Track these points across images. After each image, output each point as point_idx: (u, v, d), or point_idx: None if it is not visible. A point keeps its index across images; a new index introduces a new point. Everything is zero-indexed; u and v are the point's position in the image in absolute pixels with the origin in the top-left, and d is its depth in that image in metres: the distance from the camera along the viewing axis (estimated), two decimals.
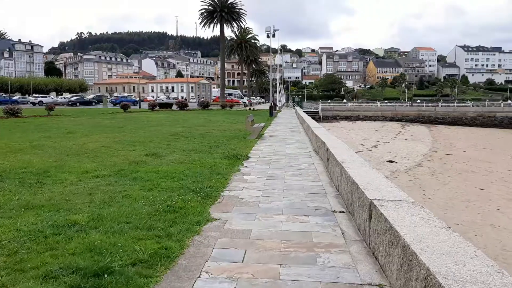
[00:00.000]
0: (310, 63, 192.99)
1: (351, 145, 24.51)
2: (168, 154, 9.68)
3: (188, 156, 9.40)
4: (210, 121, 23.27)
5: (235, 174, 7.42)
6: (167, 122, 21.22)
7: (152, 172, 7.28)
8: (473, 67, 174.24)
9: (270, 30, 53.90)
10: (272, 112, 30.83)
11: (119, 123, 19.93)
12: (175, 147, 11.01)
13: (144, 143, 11.84)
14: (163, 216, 4.57)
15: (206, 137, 13.72)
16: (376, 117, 51.54)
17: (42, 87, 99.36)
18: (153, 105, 34.74)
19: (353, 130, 35.94)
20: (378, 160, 19.27)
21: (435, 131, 39.20)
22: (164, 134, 14.71)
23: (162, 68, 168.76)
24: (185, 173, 7.17)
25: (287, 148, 11.71)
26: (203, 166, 8.00)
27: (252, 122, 15.99)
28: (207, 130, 16.80)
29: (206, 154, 9.82)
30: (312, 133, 12.88)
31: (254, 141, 13.12)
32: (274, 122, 24.63)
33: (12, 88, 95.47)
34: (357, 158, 6.47)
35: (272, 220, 4.65)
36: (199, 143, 12.06)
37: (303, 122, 19.89)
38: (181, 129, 17.06)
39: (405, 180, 15.18)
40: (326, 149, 8.33)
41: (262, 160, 9.20)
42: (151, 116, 27.26)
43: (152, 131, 15.90)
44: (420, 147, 25.30)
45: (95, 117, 25.55)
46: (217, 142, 12.38)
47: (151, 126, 18.25)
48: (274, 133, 16.89)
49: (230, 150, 10.47)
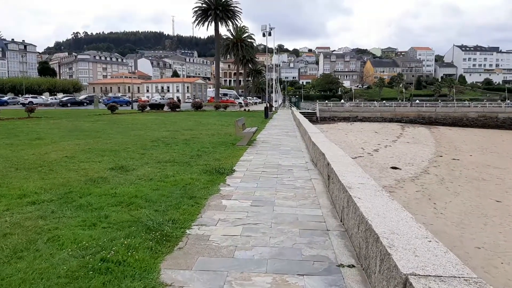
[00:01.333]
0: (307, 63, 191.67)
1: (350, 149, 23.08)
2: (138, 167, 8.16)
3: (161, 170, 7.88)
4: (200, 123, 21.74)
5: (212, 197, 5.90)
6: (153, 125, 19.67)
7: (107, 195, 5.76)
8: (471, 67, 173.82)
9: (266, 29, 52.56)
10: (267, 113, 29.32)
11: (100, 127, 18.37)
12: (150, 157, 9.49)
13: (117, 152, 10.31)
14: (86, 282, 3.06)
15: (190, 144, 12.20)
16: (375, 118, 50.13)
17: (35, 87, 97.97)
18: (142, 106, 33.06)
19: (352, 132, 34.47)
20: (381, 167, 17.79)
21: (436, 132, 37.82)
22: (144, 139, 13.18)
23: (157, 68, 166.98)
24: (149, 197, 5.66)
25: (280, 157, 10.21)
26: (176, 185, 6.49)
27: (243, 126, 14.48)
28: (194, 134, 15.27)
29: (184, 166, 8.31)
30: (309, 140, 11.38)
31: (244, 149, 11.61)
32: (269, 124, 23.14)
33: (4, 88, 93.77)
34: (368, 180, 4.97)
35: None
36: (180, 151, 10.54)
37: (300, 125, 18.41)
38: (165, 133, 15.53)
39: (412, 191, 13.71)
40: (326, 163, 6.83)
41: (250, 175, 7.69)
42: (138, 118, 25.68)
43: (132, 136, 14.36)
44: (423, 151, 23.85)
45: (78, 119, 23.96)
46: (201, 150, 10.87)
47: (134, 130, 16.71)
48: (267, 137, 15.39)
49: (214, 162, 8.97)
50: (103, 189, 6.12)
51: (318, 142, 9.48)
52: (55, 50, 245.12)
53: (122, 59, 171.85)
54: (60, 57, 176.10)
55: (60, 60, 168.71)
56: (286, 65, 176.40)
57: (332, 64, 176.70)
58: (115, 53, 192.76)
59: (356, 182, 4.82)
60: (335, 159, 6.75)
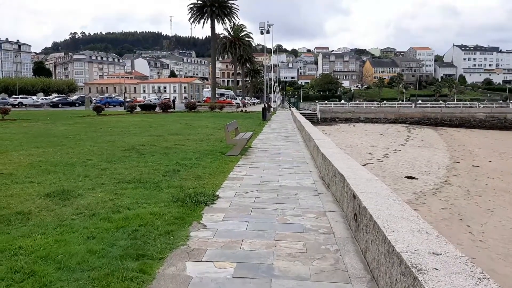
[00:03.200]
0: (306, 63, 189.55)
1: (357, 154, 20.87)
2: (86, 191, 5.94)
3: (116, 196, 5.67)
4: (191, 126, 19.52)
5: (172, 256, 3.65)
6: (136, 129, 17.43)
7: (3, 251, 3.55)
8: (471, 66, 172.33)
9: (264, 26, 50.48)
10: (265, 115, 27.08)
11: (74, 131, 16.11)
12: (111, 174, 7.27)
13: (72, 166, 8.09)
14: None
15: (170, 154, 9.97)
16: (378, 119, 47.95)
17: (29, 88, 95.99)
18: (131, 107, 30.76)
19: (356, 134, 32.24)
20: (394, 176, 15.59)
21: (445, 135, 35.65)
22: (116, 148, 10.94)
23: (155, 68, 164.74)
24: (66, 260, 3.43)
25: (281, 173, 7.98)
26: (124, 227, 4.28)
27: (235, 130, 12.27)
28: (179, 140, 13.04)
29: (150, 190, 6.10)
30: (315, 149, 9.18)
31: (236, 160, 9.40)
32: (267, 127, 20.93)
33: None
34: (446, 246, 2.75)
35: None
36: (153, 165, 8.32)
37: (302, 129, 16.21)
38: (146, 139, 13.29)
39: (437, 208, 11.51)
40: (350, 194, 4.62)
41: (238, 206, 5.46)
42: (123, 120, 23.40)
43: (104, 142, 12.12)
44: (437, 156, 21.64)
45: (56, 121, 21.69)
46: (181, 162, 8.64)
47: (111, 135, 14.46)
48: (265, 143, 13.17)
49: (193, 182, 6.76)
50: (4, 239, 3.90)
51: (330, 154, 7.27)
52: (53, 51, 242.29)
53: (118, 59, 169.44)
54: (56, 57, 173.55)
55: (56, 60, 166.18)
56: (284, 65, 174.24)
57: (331, 64, 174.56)
58: (112, 53, 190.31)
59: (424, 250, 2.61)
60: (363, 187, 4.53)
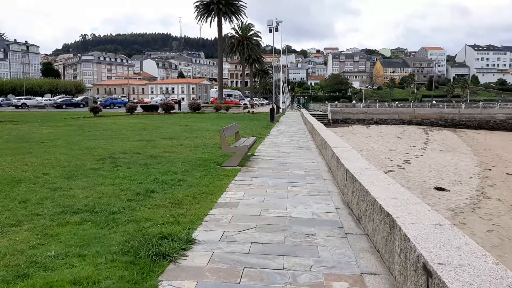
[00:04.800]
0: (315, 64, 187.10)
1: (375, 160, 18.75)
2: (3, 230, 4.04)
3: (44, 239, 3.74)
4: (190, 129, 17.62)
5: None
6: (128, 132, 15.57)
7: None
8: (484, 66, 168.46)
9: (273, 24, 48.43)
10: (273, 116, 25.09)
11: (56, 135, 14.30)
12: (59, 197, 5.34)
13: (17, 182, 6.19)
14: None
15: (152, 165, 8.04)
16: (392, 120, 45.62)
17: (36, 89, 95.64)
18: (131, 108, 28.96)
19: (371, 137, 30.05)
20: (422, 187, 13.48)
21: (465, 137, 33.27)
22: (91, 156, 9.05)
23: (163, 69, 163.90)
24: None
25: (289, 195, 5.98)
26: None
27: (235, 135, 10.30)
28: (171, 146, 11.13)
29: (98, 227, 4.16)
30: (335, 161, 7.17)
31: (232, 174, 7.42)
32: (275, 130, 18.95)
33: (4, 89, 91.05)
34: None
35: None
36: (124, 182, 6.38)
37: (314, 132, 14.21)
38: (132, 144, 11.40)
39: (480, 230, 9.41)
40: (415, 262, 2.59)
41: (222, 263, 3.45)
42: (118, 122, 21.58)
43: (80, 149, 10.24)
44: (464, 162, 19.43)
45: (46, 123, 19.97)
46: (160, 178, 6.69)
47: (94, 140, 12.59)
48: (271, 151, 11.18)
49: (167, 210, 4.81)
50: None
51: (358, 171, 5.25)
52: (63, 52, 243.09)
53: (127, 60, 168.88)
54: (64, 58, 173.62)
55: (64, 62, 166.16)
56: (293, 65, 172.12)
57: (341, 64, 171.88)
58: (121, 54, 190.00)
59: None
60: (435, 245, 2.53)
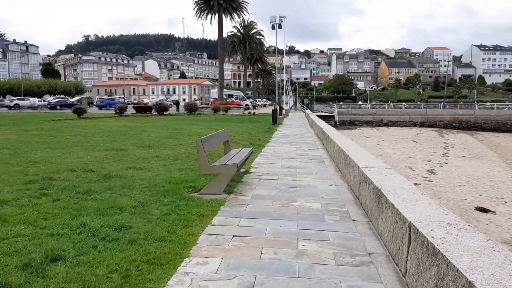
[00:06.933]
0: (319, 64, 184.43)
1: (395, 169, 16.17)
2: None
3: None
4: (178, 133, 15.09)
5: None
6: (102, 137, 13.04)
7: None
8: (490, 67, 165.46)
9: (276, 20, 45.77)
10: (275, 118, 22.54)
11: (11, 141, 11.77)
12: None
13: None
14: None
15: (97, 192, 5.49)
16: (403, 122, 42.95)
17: (35, 89, 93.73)
18: (120, 109, 26.50)
19: (384, 141, 27.37)
20: (459, 207, 10.86)
21: (485, 141, 30.57)
22: (22, 176, 6.51)
23: (165, 70, 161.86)
24: None
25: (301, 261, 3.41)
26: None
27: (225, 145, 7.73)
28: (142, 159, 8.58)
29: None
30: (371, 191, 4.65)
31: (210, 212, 4.84)
32: (277, 134, 16.40)
33: (1, 90, 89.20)
34: None
35: None
36: (27, 230, 3.83)
37: (325, 138, 11.65)
38: (95, 155, 8.86)
39: None
40: None
41: None
42: (100, 125, 19.04)
43: (21, 163, 7.70)
44: (497, 171, 16.78)
45: (16, 126, 17.49)
46: (90, 224, 4.11)
47: (53, 149, 10.05)
48: (272, 165, 8.61)
49: None
50: None
51: (430, 232, 2.69)
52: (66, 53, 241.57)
53: (128, 61, 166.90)
54: (65, 59, 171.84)
55: (65, 62, 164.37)
56: (297, 66, 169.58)
57: (345, 65, 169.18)
58: (123, 55, 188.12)
59: None
60: None
